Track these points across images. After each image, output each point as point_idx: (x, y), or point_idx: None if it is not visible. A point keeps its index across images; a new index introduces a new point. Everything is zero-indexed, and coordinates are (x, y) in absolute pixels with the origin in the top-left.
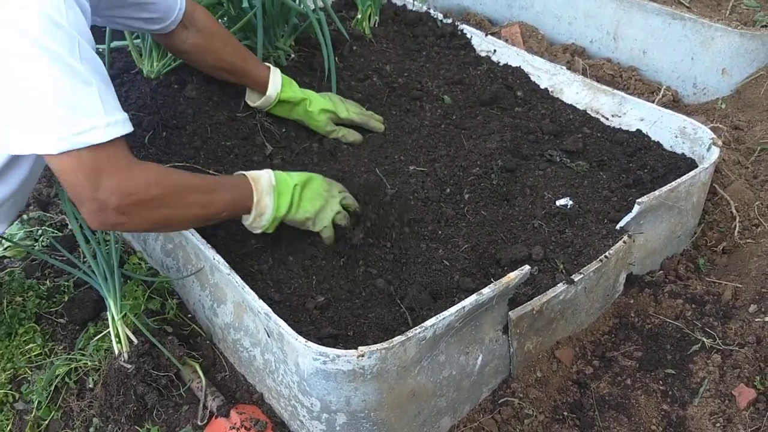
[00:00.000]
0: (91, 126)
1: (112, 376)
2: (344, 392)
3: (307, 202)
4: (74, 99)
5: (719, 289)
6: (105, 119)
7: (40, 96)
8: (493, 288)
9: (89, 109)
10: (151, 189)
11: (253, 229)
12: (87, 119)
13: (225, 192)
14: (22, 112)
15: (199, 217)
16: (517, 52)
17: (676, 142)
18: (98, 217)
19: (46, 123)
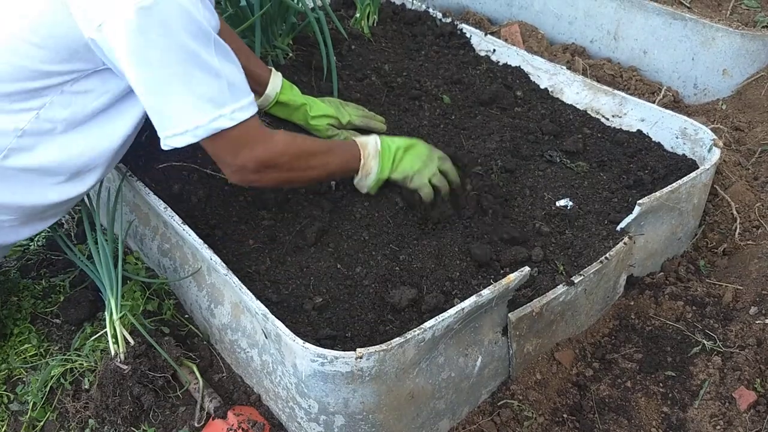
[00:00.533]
0: (220, 114)
1: (108, 377)
2: (342, 394)
3: (406, 163)
4: (208, 92)
5: (720, 291)
6: (231, 107)
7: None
8: (493, 289)
9: (219, 99)
10: (281, 156)
11: (360, 188)
12: (218, 109)
13: (338, 155)
14: (167, 108)
15: (316, 177)
16: (516, 52)
17: (677, 143)
18: (236, 177)
19: (187, 117)
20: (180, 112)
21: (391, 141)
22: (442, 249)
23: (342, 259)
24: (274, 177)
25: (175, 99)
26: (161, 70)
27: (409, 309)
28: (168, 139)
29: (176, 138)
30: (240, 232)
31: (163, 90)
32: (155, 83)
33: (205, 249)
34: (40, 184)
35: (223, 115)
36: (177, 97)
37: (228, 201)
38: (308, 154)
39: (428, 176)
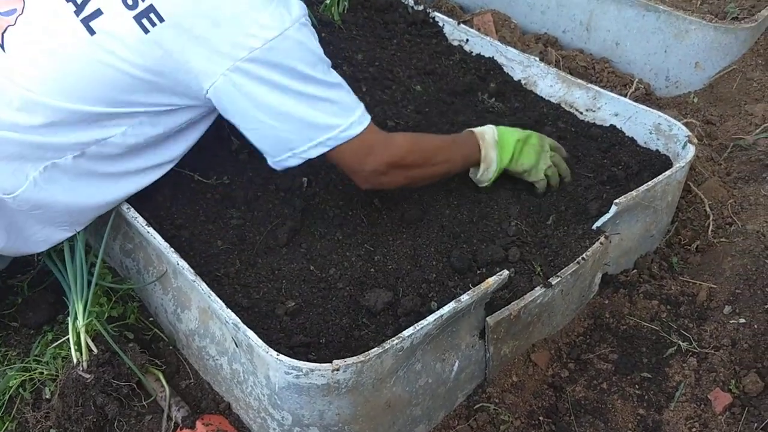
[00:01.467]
0: (349, 122)
1: (70, 386)
2: (318, 406)
3: (525, 156)
4: (332, 109)
5: (694, 290)
6: (349, 119)
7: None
8: (472, 294)
9: (341, 112)
10: (408, 155)
11: (480, 182)
12: (342, 120)
13: (460, 149)
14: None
15: (443, 172)
16: (490, 42)
17: (651, 138)
18: (369, 183)
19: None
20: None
21: (508, 132)
22: (418, 249)
23: (315, 260)
24: (403, 176)
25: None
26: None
27: (385, 312)
28: (288, 160)
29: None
30: (208, 233)
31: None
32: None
33: (172, 253)
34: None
35: (345, 126)
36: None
37: (195, 199)
38: (433, 150)
39: (543, 169)
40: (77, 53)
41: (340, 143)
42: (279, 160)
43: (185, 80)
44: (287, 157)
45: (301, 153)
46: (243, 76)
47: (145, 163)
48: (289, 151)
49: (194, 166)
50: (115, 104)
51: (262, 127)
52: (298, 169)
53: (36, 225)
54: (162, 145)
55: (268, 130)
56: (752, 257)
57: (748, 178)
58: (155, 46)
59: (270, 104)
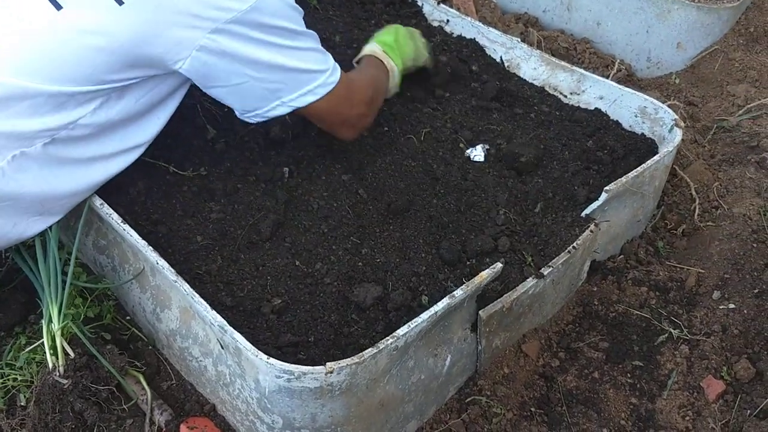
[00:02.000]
0: (331, 68)
1: (47, 392)
2: (310, 409)
3: (406, 49)
4: (316, 58)
5: (682, 275)
6: (331, 60)
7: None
8: (465, 289)
9: (324, 60)
10: (369, 91)
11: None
12: (327, 66)
13: (382, 73)
14: (291, 79)
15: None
16: (471, 23)
17: (636, 121)
18: (360, 124)
19: (309, 81)
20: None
21: (382, 38)
22: (406, 241)
23: (300, 254)
24: (374, 112)
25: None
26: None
27: (375, 308)
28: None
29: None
30: (186, 228)
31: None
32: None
33: (150, 252)
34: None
35: (330, 70)
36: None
37: (171, 192)
38: (378, 80)
39: (422, 48)
40: (43, 30)
41: (329, 89)
42: (266, 110)
43: (160, 51)
44: (276, 105)
45: (290, 101)
46: (227, 37)
47: (115, 146)
48: (277, 99)
49: (169, 157)
50: (85, 82)
51: (248, 82)
52: (279, 158)
53: (6, 217)
54: (132, 126)
55: (255, 84)
56: (740, 241)
57: (732, 160)
58: (130, 17)
59: (259, 59)
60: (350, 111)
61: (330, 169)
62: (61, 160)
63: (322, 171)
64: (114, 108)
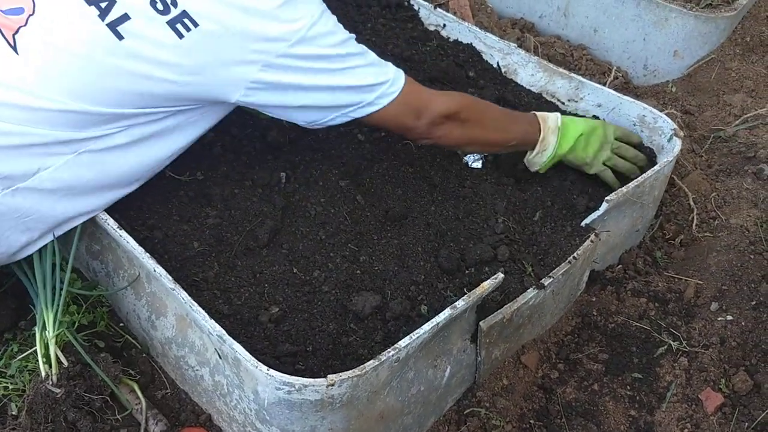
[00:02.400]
0: (391, 79)
1: (39, 401)
2: (309, 422)
3: (588, 148)
4: (372, 72)
5: (680, 286)
6: (392, 71)
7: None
8: (467, 300)
9: (382, 72)
10: (463, 109)
11: (532, 164)
12: (386, 78)
13: (519, 123)
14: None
15: (497, 140)
16: (468, 28)
17: (635, 130)
18: (424, 137)
19: (368, 94)
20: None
21: (572, 122)
22: (405, 249)
23: (298, 262)
24: (459, 131)
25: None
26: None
27: (373, 317)
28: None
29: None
30: (182, 233)
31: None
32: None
33: (147, 258)
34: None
35: (390, 81)
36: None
37: (167, 197)
38: (490, 113)
39: (603, 160)
40: (103, 57)
41: (390, 99)
42: (325, 121)
43: (212, 89)
44: (335, 116)
45: (349, 112)
46: (278, 71)
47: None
48: (336, 111)
49: None
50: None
51: (304, 104)
52: (276, 163)
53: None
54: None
55: (311, 104)
56: (737, 252)
57: (729, 170)
58: (191, 51)
59: (312, 85)
60: (415, 121)
61: (327, 175)
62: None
63: (319, 176)
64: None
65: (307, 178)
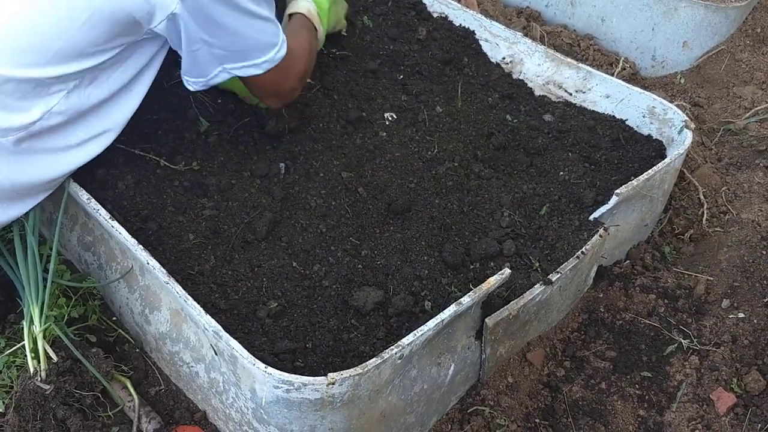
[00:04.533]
0: (280, 43)
1: (27, 398)
2: (309, 421)
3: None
4: (271, 30)
5: (690, 282)
6: (281, 34)
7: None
8: (473, 296)
9: (275, 32)
10: (307, 62)
11: None
12: (277, 40)
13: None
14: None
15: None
16: (473, 16)
17: (644, 122)
18: (289, 98)
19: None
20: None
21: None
22: (407, 242)
23: (297, 255)
24: (304, 82)
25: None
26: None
27: (375, 313)
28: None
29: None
30: (177, 225)
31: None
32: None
33: (140, 250)
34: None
35: (279, 45)
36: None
37: (161, 187)
38: (309, 49)
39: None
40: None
41: (273, 65)
42: (209, 77)
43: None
44: (218, 72)
45: (232, 69)
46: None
47: (90, 131)
48: (219, 66)
49: (159, 150)
50: (58, 61)
51: (201, 51)
52: (275, 153)
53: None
54: (105, 108)
55: (206, 50)
56: (749, 248)
57: (740, 164)
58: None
59: (220, 21)
60: (285, 85)
61: (328, 166)
62: (34, 151)
63: (320, 167)
64: (87, 90)
65: (308, 169)
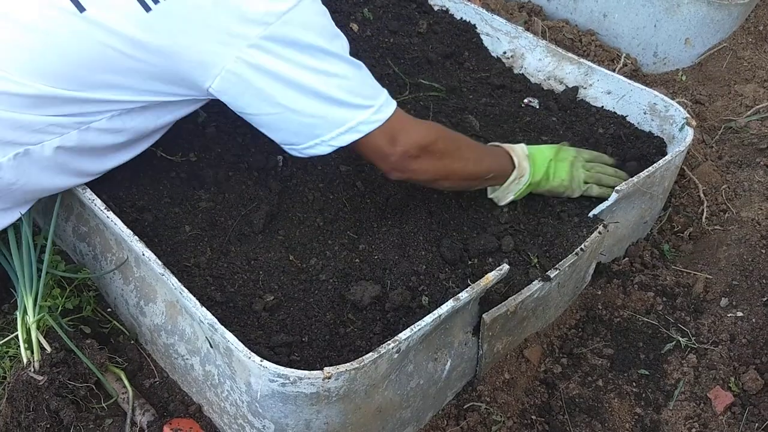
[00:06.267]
0: (379, 104)
1: (20, 389)
2: (304, 415)
3: (559, 170)
4: (359, 89)
5: (689, 280)
6: (384, 96)
7: (338, 93)
8: (471, 291)
9: (371, 94)
10: (438, 140)
11: (507, 194)
12: (373, 102)
13: (491, 155)
14: (327, 113)
15: (472, 173)
16: (474, 9)
17: (645, 118)
18: (398, 166)
19: (350, 117)
20: (328, 118)
21: (538, 149)
22: (406, 237)
23: (294, 249)
24: (434, 164)
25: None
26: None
27: (372, 307)
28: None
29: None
30: (174, 216)
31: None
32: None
33: (136, 241)
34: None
35: (377, 107)
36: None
37: (158, 178)
38: (465, 143)
39: (582, 179)
40: (65, 31)
41: (373, 127)
42: (304, 147)
43: (188, 66)
44: (314, 144)
45: (330, 140)
46: (259, 56)
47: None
48: (316, 138)
49: (157, 140)
50: (103, 88)
51: (281, 113)
52: (273, 145)
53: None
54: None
55: (289, 117)
56: (748, 246)
57: (740, 162)
58: (157, 26)
59: (291, 85)
60: (393, 149)
61: (326, 159)
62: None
63: (318, 160)
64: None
65: (305, 162)
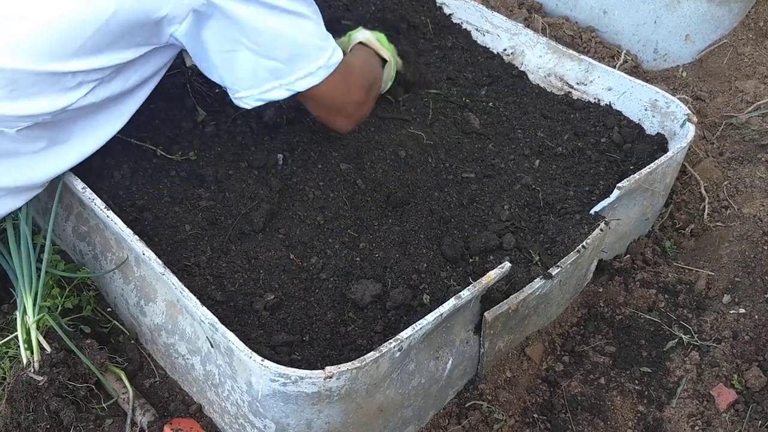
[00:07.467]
0: (333, 47)
1: (20, 389)
2: (305, 415)
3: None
4: (320, 32)
5: (691, 277)
6: (332, 40)
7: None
8: (473, 289)
9: (326, 36)
10: (368, 75)
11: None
12: (329, 44)
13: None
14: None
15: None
16: (474, 6)
17: (646, 115)
18: (357, 114)
19: (311, 60)
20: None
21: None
22: (406, 235)
23: (295, 247)
24: (372, 99)
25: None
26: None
27: (373, 306)
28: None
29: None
30: (174, 215)
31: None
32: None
33: (136, 241)
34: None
35: (332, 51)
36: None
37: (158, 177)
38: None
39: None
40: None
41: (330, 71)
42: (261, 91)
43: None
44: (272, 87)
45: (289, 84)
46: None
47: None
48: (275, 80)
49: (156, 139)
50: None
51: (242, 51)
52: (273, 143)
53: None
54: (112, 107)
55: (250, 56)
56: (750, 243)
57: (742, 158)
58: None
59: (258, 21)
60: (348, 97)
61: (327, 157)
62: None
63: (318, 159)
64: (105, 89)
65: (306, 160)
